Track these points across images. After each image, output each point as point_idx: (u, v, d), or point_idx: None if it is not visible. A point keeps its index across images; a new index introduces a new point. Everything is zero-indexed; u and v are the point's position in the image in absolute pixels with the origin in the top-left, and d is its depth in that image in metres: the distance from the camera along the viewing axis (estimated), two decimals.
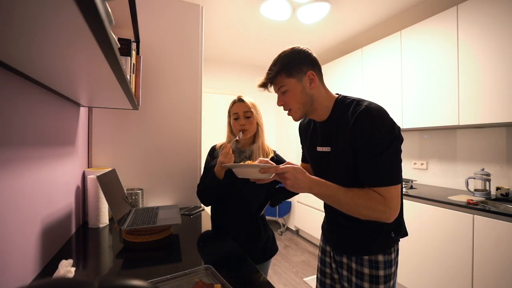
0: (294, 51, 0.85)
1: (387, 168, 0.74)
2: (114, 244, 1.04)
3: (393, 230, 0.86)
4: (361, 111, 0.76)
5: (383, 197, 0.73)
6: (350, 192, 0.75)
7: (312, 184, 0.76)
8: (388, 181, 0.74)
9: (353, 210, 0.75)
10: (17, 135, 0.66)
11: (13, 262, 0.63)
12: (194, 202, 1.63)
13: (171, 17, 1.61)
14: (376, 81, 2.59)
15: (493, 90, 1.72)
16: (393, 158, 0.74)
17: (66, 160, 1.05)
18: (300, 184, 0.75)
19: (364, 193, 0.75)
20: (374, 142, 0.74)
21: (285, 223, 3.83)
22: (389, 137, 0.74)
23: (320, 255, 1.06)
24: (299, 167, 0.77)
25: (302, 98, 0.85)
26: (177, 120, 1.63)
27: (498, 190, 1.83)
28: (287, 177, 0.76)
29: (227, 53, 3.68)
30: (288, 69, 0.84)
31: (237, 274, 0.77)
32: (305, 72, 0.84)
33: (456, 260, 1.66)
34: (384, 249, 0.86)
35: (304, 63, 0.84)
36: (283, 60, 0.85)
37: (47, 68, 0.57)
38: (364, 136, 0.75)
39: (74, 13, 0.26)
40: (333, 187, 0.77)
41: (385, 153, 0.73)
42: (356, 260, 0.88)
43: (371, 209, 0.73)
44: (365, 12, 2.58)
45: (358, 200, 0.74)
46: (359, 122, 0.76)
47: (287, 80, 0.84)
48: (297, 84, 0.84)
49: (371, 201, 0.73)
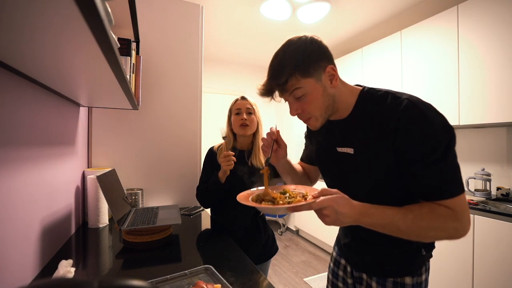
0: (306, 41, 0.67)
1: (451, 174, 0.59)
2: (114, 244, 1.04)
3: (424, 247, 0.72)
4: (406, 107, 0.61)
5: (452, 211, 0.59)
6: (410, 214, 0.59)
7: (359, 215, 0.59)
8: (455, 191, 0.59)
9: (417, 235, 0.60)
10: (17, 135, 0.66)
11: (12, 262, 0.63)
12: (194, 202, 1.62)
13: (171, 17, 1.61)
14: (376, 81, 2.58)
15: (493, 90, 1.72)
16: (455, 161, 0.60)
17: (66, 160, 1.05)
18: (344, 220, 0.58)
19: (428, 210, 0.59)
20: (432, 144, 0.58)
21: (285, 223, 3.82)
22: (447, 136, 0.59)
23: (332, 266, 0.93)
24: (340, 197, 0.59)
25: (324, 102, 0.69)
26: (177, 120, 1.62)
27: (498, 190, 1.83)
28: (326, 214, 0.58)
29: (227, 53, 3.68)
30: (304, 67, 0.65)
31: (237, 274, 0.77)
32: (323, 68, 0.67)
33: (457, 260, 1.66)
34: (413, 270, 0.73)
35: (321, 56, 0.67)
36: (295, 56, 0.66)
37: (47, 68, 0.57)
38: (416, 138, 0.60)
39: (74, 13, 0.26)
40: (387, 213, 0.60)
41: (446, 156, 0.59)
42: (378, 281, 0.75)
43: (440, 229, 0.59)
44: (365, 12, 2.58)
45: (422, 222, 0.59)
46: (407, 121, 0.60)
47: (303, 81, 0.66)
48: (316, 84, 0.67)
49: (439, 219, 0.58)
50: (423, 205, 0.61)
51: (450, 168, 0.59)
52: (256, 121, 1.22)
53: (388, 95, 0.66)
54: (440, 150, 0.58)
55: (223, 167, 1.13)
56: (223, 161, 1.12)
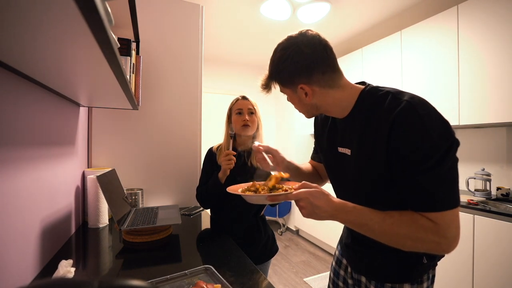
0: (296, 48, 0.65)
1: (441, 187, 0.55)
2: (114, 244, 1.04)
3: (425, 255, 0.69)
4: (402, 109, 0.57)
5: (436, 225, 0.55)
6: (389, 219, 0.57)
7: (335, 211, 0.60)
8: (441, 205, 0.55)
9: (393, 241, 0.58)
10: (17, 135, 0.66)
11: (12, 262, 0.63)
12: (194, 202, 1.62)
13: (171, 17, 1.61)
14: (376, 81, 2.57)
15: (493, 90, 1.72)
16: (450, 173, 0.55)
17: (66, 160, 1.05)
18: (320, 213, 0.59)
19: (408, 219, 0.57)
20: (424, 152, 0.54)
21: (285, 223, 3.82)
22: (444, 144, 0.53)
23: (334, 264, 0.93)
24: (316, 191, 0.60)
25: (303, 107, 0.73)
26: (177, 120, 1.62)
27: (498, 190, 1.83)
28: (302, 205, 0.60)
29: (227, 53, 3.68)
30: (280, 80, 0.70)
31: (237, 274, 0.77)
32: (296, 85, 0.67)
33: (457, 260, 1.66)
34: (413, 278, 0.70)
35: (296, 74, 0.66)
36: (277, 64, 0.68)
37: (47, 68, 0.57)
38: (408, 144, 0.56)
39: (74, 13, 0.26)
40: (364, 213, 0.59)
41: (440, 166, 0.53)
42: (376, 285, 0.74)
43: (418, 240, 0.56)
44: (365, 12, 2.58)
45: (400, 229, 0.56)
46: (401, 124, 0.56)
47: (282, 89, 0.72)
48: (292, 95, 0.71)
49: (419, 231, 0.55)
50: (404, 213, 0.58)
51: (442, 179, 0.54)
52: (257, 121, 1.22)
53: (388, 95, 0.63)
54: (434, 159, 0.53)
55: (223, 167, 1.13)
56: (223, 160, 1.12)
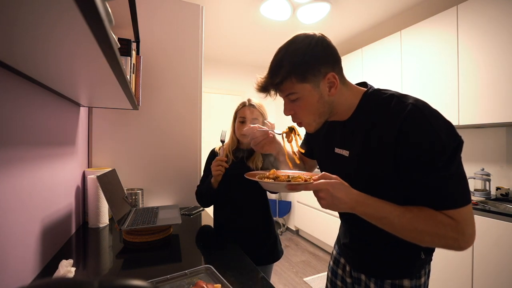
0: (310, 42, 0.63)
1: (456, 184, 0.57)
2: (114, 244, 1.04)
3: (423, 250, 0.71)
4: (409, 112, 0.58)
5: (455, 221, 0.56)
6: (408, 213, 0.58)
7: (355, 203, 0.59)
8: (460, 202, 0.56)
9: (412, 237, 0.59)
10: (17, 135, 0.66)
11: (13, 262, 0.63)
12: (194, 202, 1.62)
13: (171, 17, 1.61)
14: (376, 81, 2.58)
15: (493, 90, 1.72)
16: (460, 170, 0.57)
17: (66, 160, 1.05)
18: (339, 205, 0.59)
19: (428, 215, 0.58)
20: (435, 152, 0.56)
21: (285, 223, 3.83)
22: (452, 143, 0.56)
23: (331, 264, 0.93)
24: (337, 182, 0.60)
25: (319, 108, 0.66)
26: (177, 120, 1.63)
27: (498, 190, 1.83)
28: (321, 196, 0.59)
29: (227, 53, 3.68)
30: (302, 72, 0.63)
31: (237, 274, 0.77)
32: (323, 75, 0.63)
33: (456, 260, 1.66)
34: (412, 273, 0.72)
35: (324, 61, 0.63)
36: (294, 58, 0.63)
37: (47, 68, 0.57)
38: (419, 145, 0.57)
39: (74, 13, 0.26)
40: (384, 207, 0.59)
41: (451, 165, 0.56)
42: (376, 282, 0.75)
43: (438, 236, 0.57)
44: (365, 12, 2.58)
45: (420, 225, 0.57)
46: (410, 127, 0.58)
47: (299, 86, 0.64)
48: (312, 91, 0.64)
49: (438, 226, 0.56)
50: (423, 209, 0.59)
51: (455, 177, 0.57)
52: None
53: (393, 98, 0.63)
54: (444, 158, 0.55)
55: (212, 173, 1.11)
56: (213, 166, 1.10)
